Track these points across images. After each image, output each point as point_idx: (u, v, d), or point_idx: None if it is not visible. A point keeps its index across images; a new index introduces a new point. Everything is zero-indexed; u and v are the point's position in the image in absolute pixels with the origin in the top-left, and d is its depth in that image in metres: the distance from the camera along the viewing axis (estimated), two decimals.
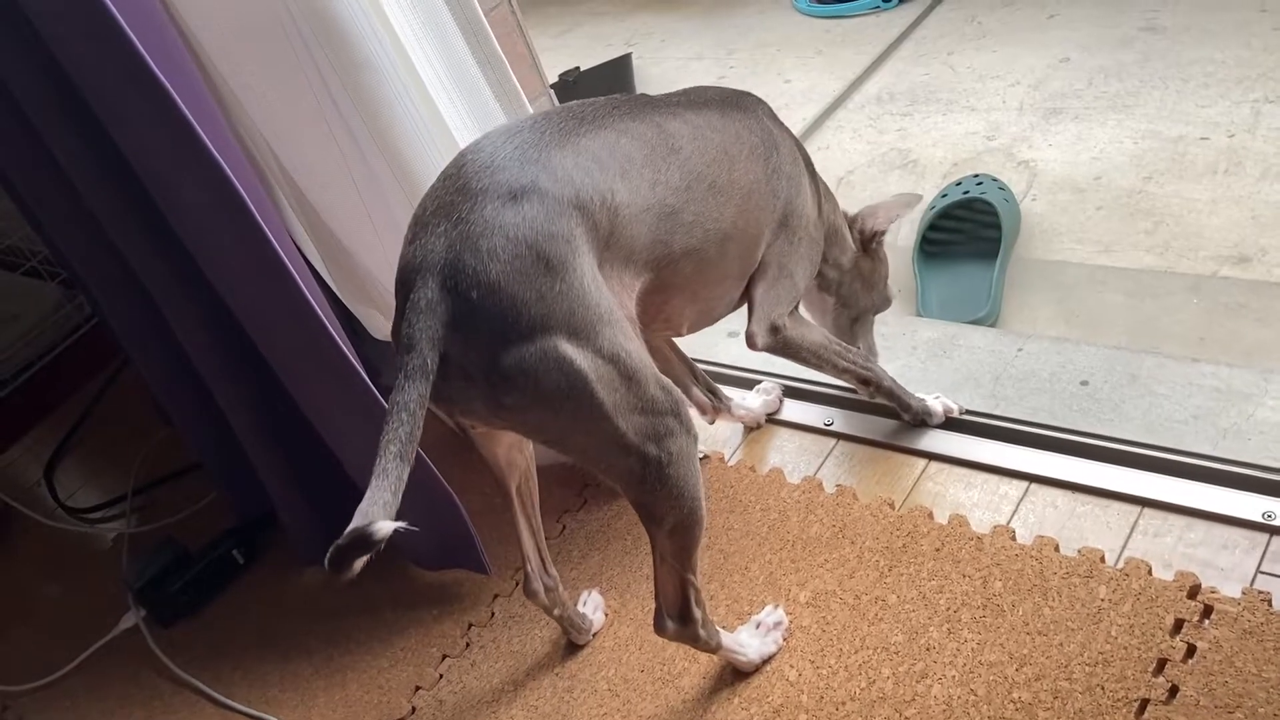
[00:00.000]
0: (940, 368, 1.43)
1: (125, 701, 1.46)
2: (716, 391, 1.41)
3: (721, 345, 1.58)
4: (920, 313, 1.62)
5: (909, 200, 1.35)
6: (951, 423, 1.34)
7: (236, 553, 1.58)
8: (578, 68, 2.53)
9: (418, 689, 1.30)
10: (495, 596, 1.38)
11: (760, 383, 1.49)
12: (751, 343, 1.17)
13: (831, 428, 1.41)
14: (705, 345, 1.55)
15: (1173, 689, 0.98)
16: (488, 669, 1.29)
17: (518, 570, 1.21)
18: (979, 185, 1.71)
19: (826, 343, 1.24)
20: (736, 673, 1.15)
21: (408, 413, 0.83)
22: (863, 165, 2.00)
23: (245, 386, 1.39)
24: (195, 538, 1.59)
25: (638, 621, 1.26)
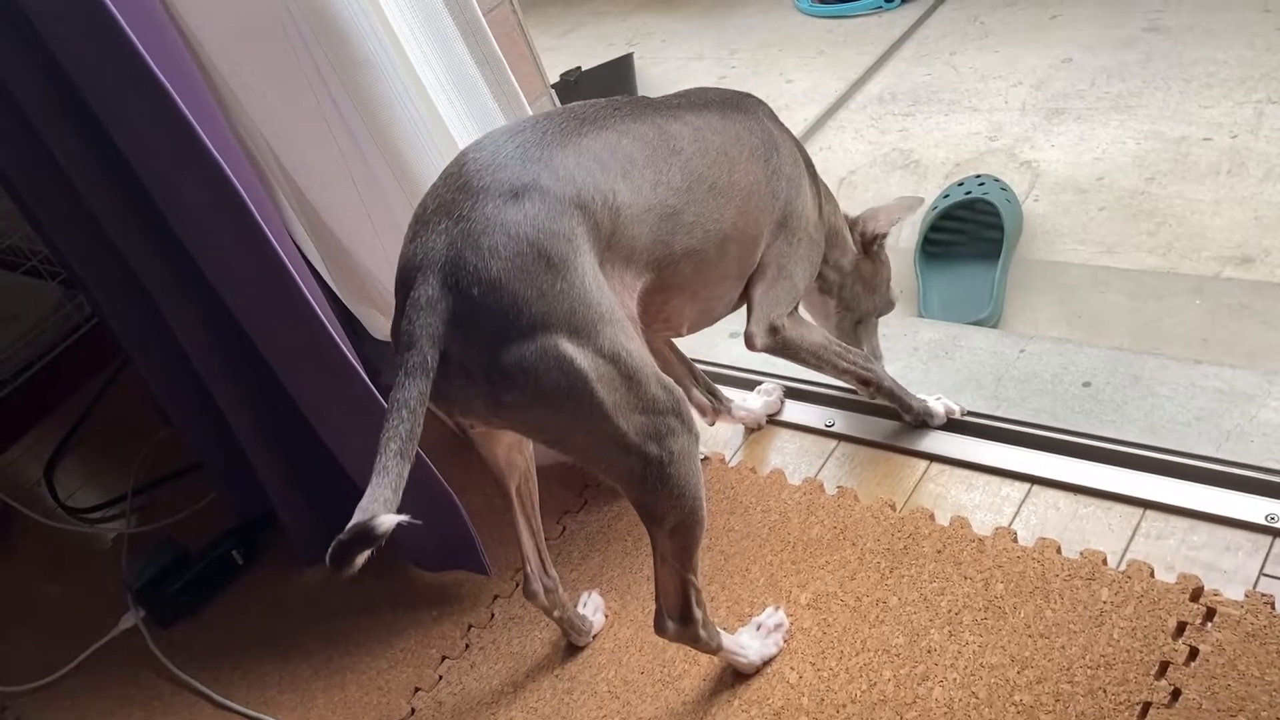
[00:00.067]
0: (942, 369, 1.43)
1: (124, 702, 1.45)
2: (716, 393, 1.41)
3: (722, 346, 1.57)
4: (922, 313, 1.61)
5: (910, 204, 1.34)
6: (953, 424, 1.33)
7: (236, 553, 1.58)
8: (579, 68, 2.53)
9: (417, 690, 1.30)
10: (495, 598, 1.38)
11: (761, 384, 1.49)
12: (750, 343, 1.17)
13: (833, 429, 1.40)
14: (706, 346, 1.55)
15: (1175, 692, 0.98)
16: (487, 670, 1.29)
17: (517, 571, 1.21)
18: (981, 186, 1.70)
19: (826, 343, 1.23)
20: (737, 675, 1.15)
21: (408, 410, 0.82)
22: (864, 166, 2.00)
23: (245, 386, 1.39)
24: (195, 538, 1.59)
25: (638, 623, 1.25)
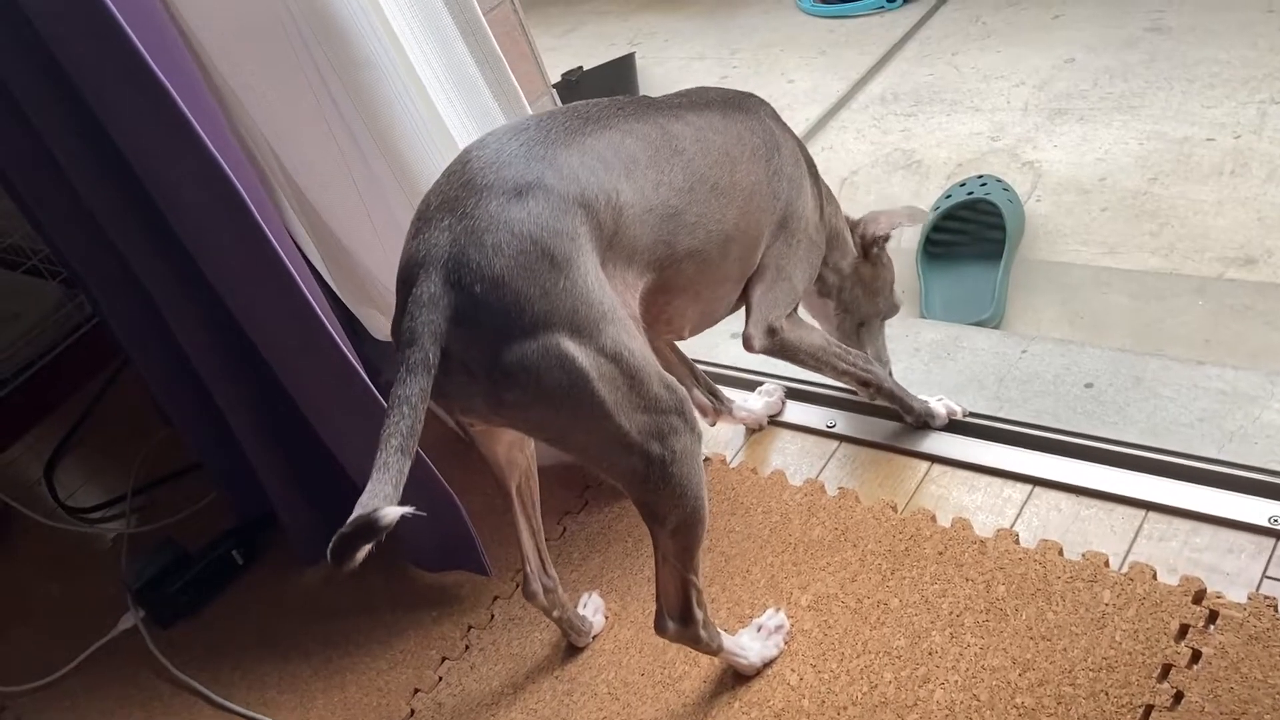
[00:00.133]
0: (944, 369, 1.43)
1: (124, 702, 1.45)
2: (717, 393, 1.40)
3: (723, 346, 1.57)
4: (924, 314, 1.61)
5: (913, 213, 1.34)
6: (955, 425, 1.33)
7: (236, 553, 1.58)
8: (580, 67, 2.53)
9: (416, 691, 1.30)
10: (495, 598, 1.37)
11: (762, 384, 1.49)
12: (748, 345, 1.17)
13: (834, 430, 1.40)
14: (706, 346, 1.55)
15: (1177, 695, 0.98)
16: (487, 671, 1.28)
17: (517, 572, 1.21)
18: (983, 186, 1.70)
19: (825, 345, 1.23)
20: (737, 676, 1.15)
21: (409, 406, 0.82)
22: (866, 166, 1.99)
23: (245, 386, 1.39)
24: (195, 538, 1.58)
25: (638, 624, 1.25)
